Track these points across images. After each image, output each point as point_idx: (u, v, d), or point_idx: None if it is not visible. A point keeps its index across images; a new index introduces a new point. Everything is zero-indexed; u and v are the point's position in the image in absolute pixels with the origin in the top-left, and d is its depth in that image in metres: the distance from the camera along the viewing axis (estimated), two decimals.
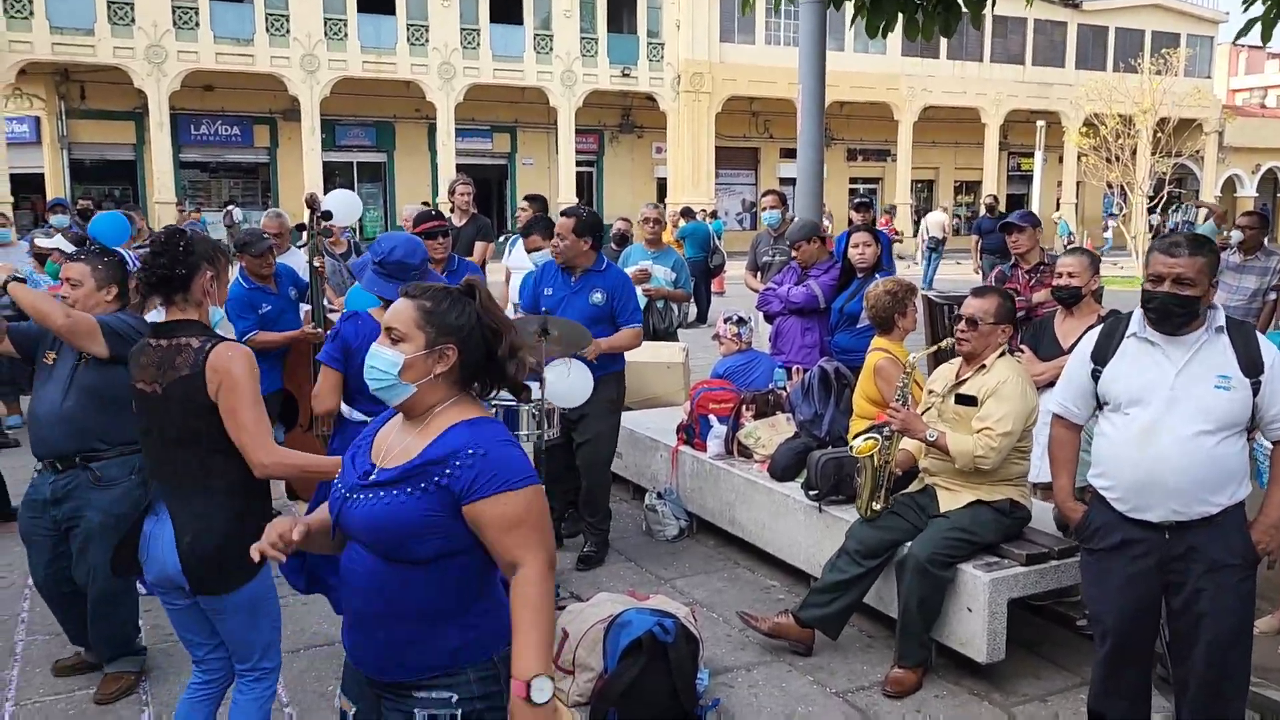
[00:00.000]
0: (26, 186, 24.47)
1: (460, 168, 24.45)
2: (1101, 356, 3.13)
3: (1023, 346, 4.69)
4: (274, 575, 2.90)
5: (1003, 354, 4.04)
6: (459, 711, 2.06)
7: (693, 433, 5.71)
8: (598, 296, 5.00)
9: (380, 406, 2.23)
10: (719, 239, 15.05)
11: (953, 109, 33.18)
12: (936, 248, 19.86)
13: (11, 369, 8.23)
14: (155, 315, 4.50)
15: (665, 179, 30.33)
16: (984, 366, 4.00)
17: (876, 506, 4.12)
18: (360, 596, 2.10)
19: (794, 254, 6.15)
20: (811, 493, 4.69)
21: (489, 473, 2.00)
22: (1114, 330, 3.16)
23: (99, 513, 3.67)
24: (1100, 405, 3.16)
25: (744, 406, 5.54)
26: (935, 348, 4.21)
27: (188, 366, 2.76)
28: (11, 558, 5.46)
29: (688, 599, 4.68)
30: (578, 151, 29.07)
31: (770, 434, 5.32)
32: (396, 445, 2.11)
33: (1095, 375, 3.13)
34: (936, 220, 20.61)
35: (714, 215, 21.60)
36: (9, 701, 3.88)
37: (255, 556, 2.16)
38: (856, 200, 9.68)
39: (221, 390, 2.75)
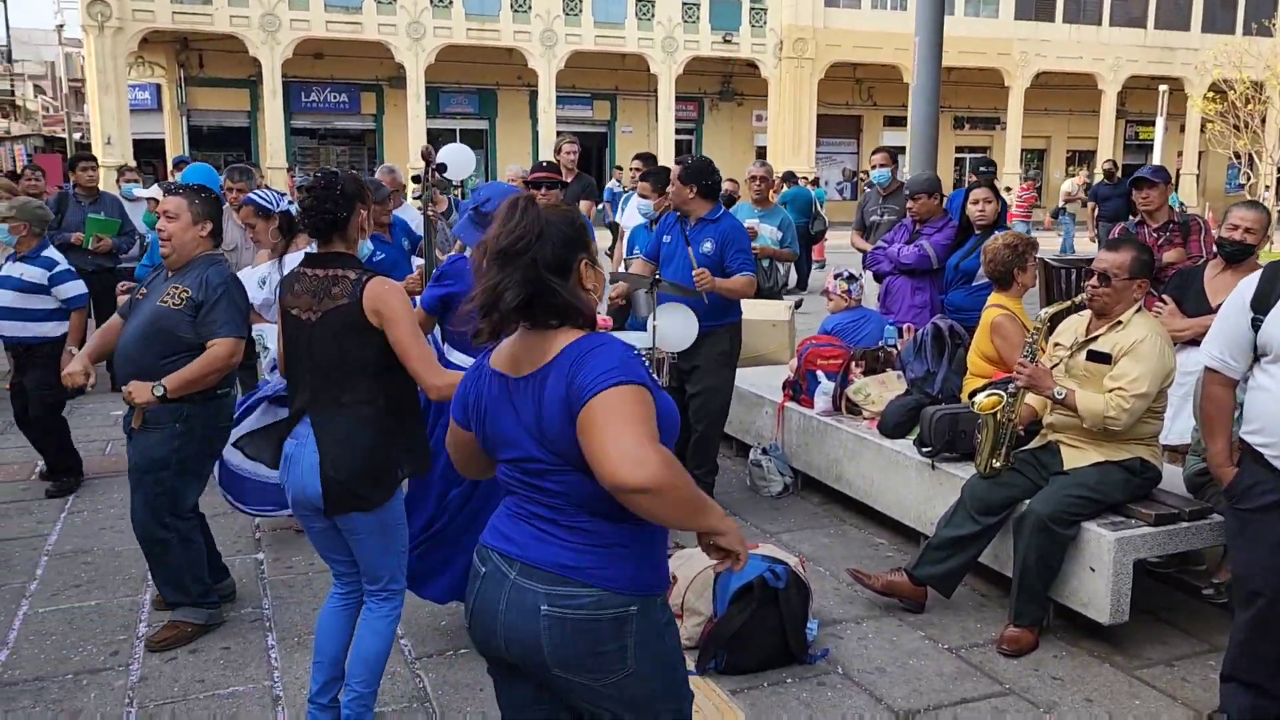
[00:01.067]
0: (148, 151, 25.48)
1: (560, 135, 24.58)
2: (1263, 304, 2.96)
3: (1164, 298, 4.48)
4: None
5: (1139, 309, 3.86)
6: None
7: (799, 389, 5.64)
8: (708, 245, 4.94)
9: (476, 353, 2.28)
10: (821, 205, 14.79)
11: (1067, 75, 31.90)
12: (1071, 215, 19.40)
13: None
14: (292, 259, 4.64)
15: (765, 147, 29.94)
16: (1119, 322, 3.82)
17: (996, 464, 3.99)
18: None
19: (910, 205, 5.98)
20: (924, 449, 4.59)
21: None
22: (1275, 276, 2.98)
23: (138, 454, 3.74)
24: (1258, 357, 2.99)
25: (853, 363, 5.44)
26: (1069, 303, 4.04)
27: (345, 296, 2.86)
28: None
29: (794, 554, 4.64)
30: (677, 119, 28.89)
31: (880, 391, 5.22)
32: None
33: (1256, 324, 2.96)
34: (1071, 186, 20.09)
35: (815, 183, 21.23)
36: (141, 622, 4.07)
37: None
38: (980, 169, 9.40)
39: (383, 324, 2.84)
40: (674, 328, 4.65)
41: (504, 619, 2.01)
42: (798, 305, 7.51)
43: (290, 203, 4.36)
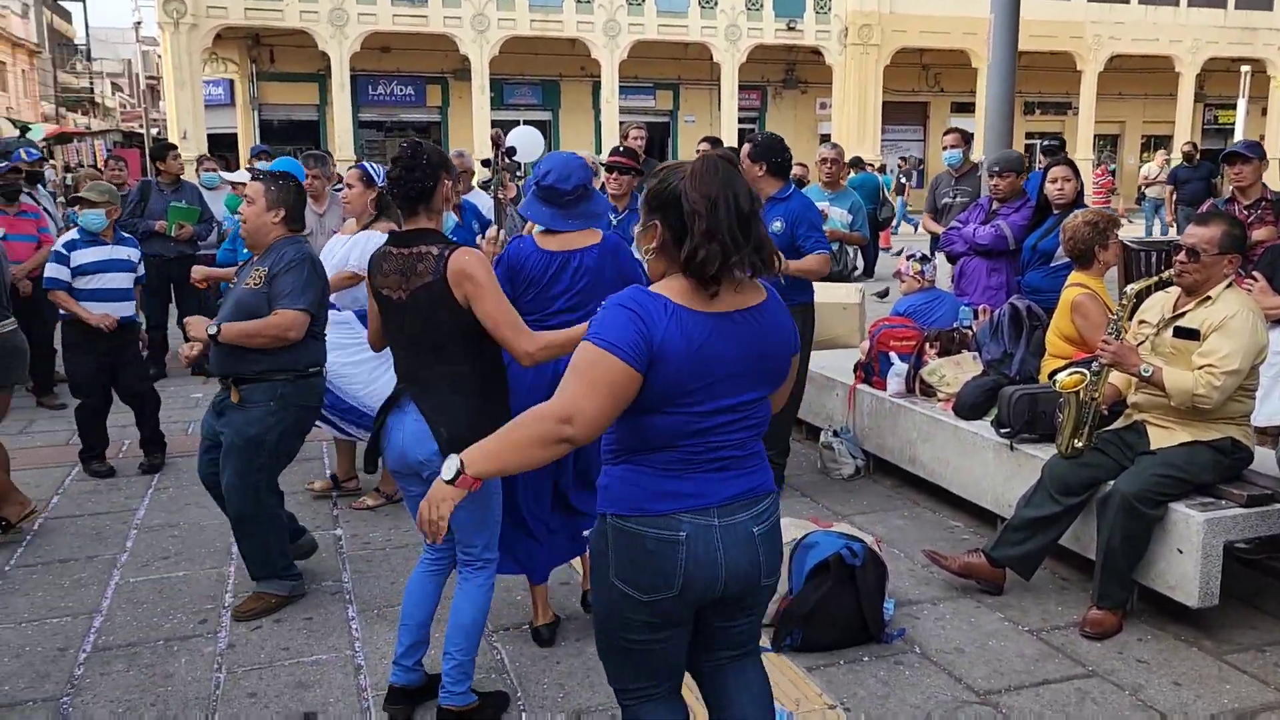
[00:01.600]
0: (221, 145, 26.02)
1: (624, 123, 24.58)
2: None
3: (1255, 275, 4.35)
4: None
5: (1230, 285, 3.75)
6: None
7: (871, 371, 5.59)
8: (777, 225, 4.90)
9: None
10: (888, 191, 14.62)
11: (1143, 58, 30.99)
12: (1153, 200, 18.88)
13: (217, 304, 8.85)
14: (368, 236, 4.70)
15: (829, 135, 29.62)
16: (1208, 298, 3.72)
17: (1079, 444, 3.91)
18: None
19: (994, 183, 5.84)
20: (1003, 430, 4.51)
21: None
22: None
23: (233, 432, 3.84)
24: None
25: (927, 344, 5.37)
26: (1155, 279, 3.93)
27: (430, 273, 2.90)
28: None
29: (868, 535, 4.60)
30: (740, 108, 28.67)
31: (955, 372, 5.14)
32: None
33: None
34: (1151, 169, 19.58)
35: (882, 170, 20.99)
36: (228, 593, 4.18)
37: None
38: (1044, 144, 9.15)
39: (469, 294, 2.88)
40: None
41: (725, 561, 2.14)
42: (883, 295, 7.40)
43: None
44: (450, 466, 2.12)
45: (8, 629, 3.87)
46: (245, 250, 6.50)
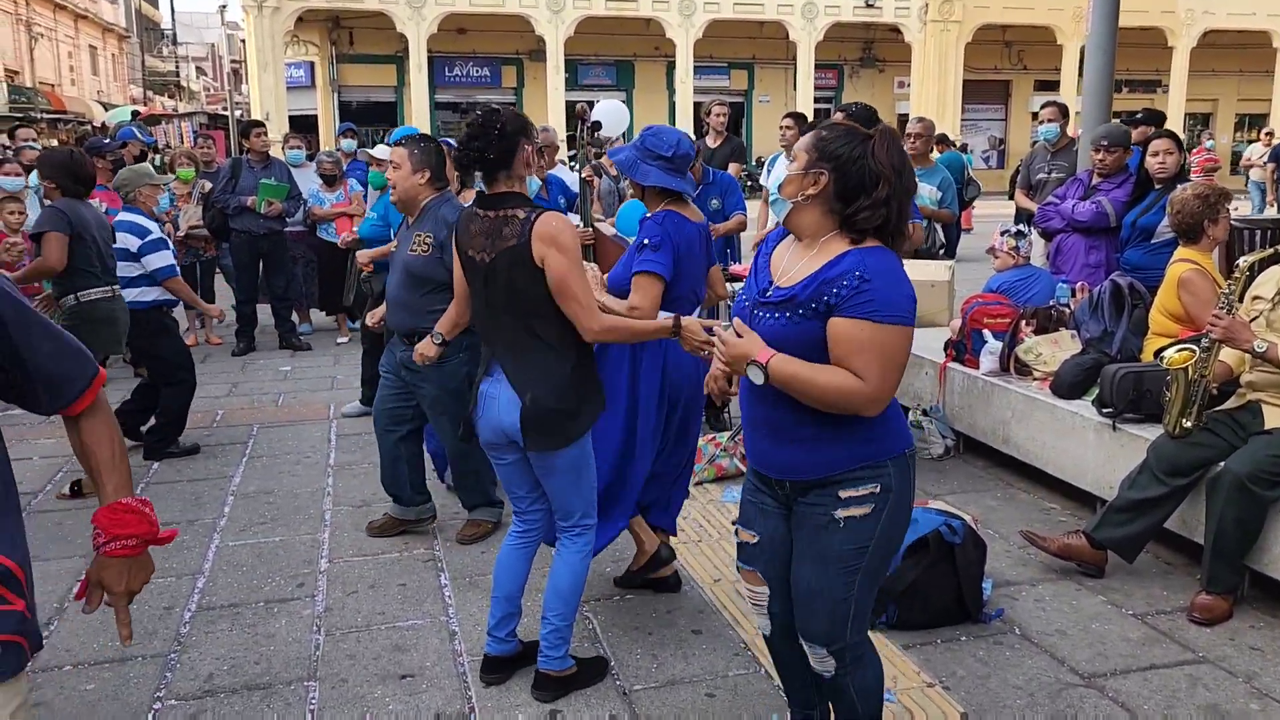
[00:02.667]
0: (302, 126, 26.51)
1: (698, 106, 24.41)
2: None
3: None
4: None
5: None
6: (874, 505, 2.26)
7: (963, 349, 5.46)
8: None
9: None
10: (971, 170, 14.28)
11: (1238, 33, 29.80)
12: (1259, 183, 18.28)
13: (305, 282, 9.02)
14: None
15: (907, 114, 29.06)
16: None
17: (1187, 423, 3.77)
18: (767, 405, 2.29)
19: (1100, 158, 5.64)
20: (1105, 409, 4.37)
21: (865, 296, 2.12)
22: None
23: (433, 386, 4.15)
24: None
25: (1023, 321, 5.23)
26: (1270, 250, 3.77)
27: (515, 237, 2.86)
28: (313, 441, 6.00)
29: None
30: (816, 88, 28.30)
31: (1053, 350, 5.00)
32: (793, 265, 2.28)
33: None
34: (1255, 151, 18.92)
35: (964, 149, 20.51)
36: (323, 558, 4.27)
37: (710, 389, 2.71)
38: (1136, 117, 8.83)
39: (548, 259, 2.82)
40: None
41: None
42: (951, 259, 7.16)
43: None
44: (757, 370, 2.20)
45: None
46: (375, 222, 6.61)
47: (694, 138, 5.49)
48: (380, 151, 6.57)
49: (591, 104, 6.51)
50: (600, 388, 3.06)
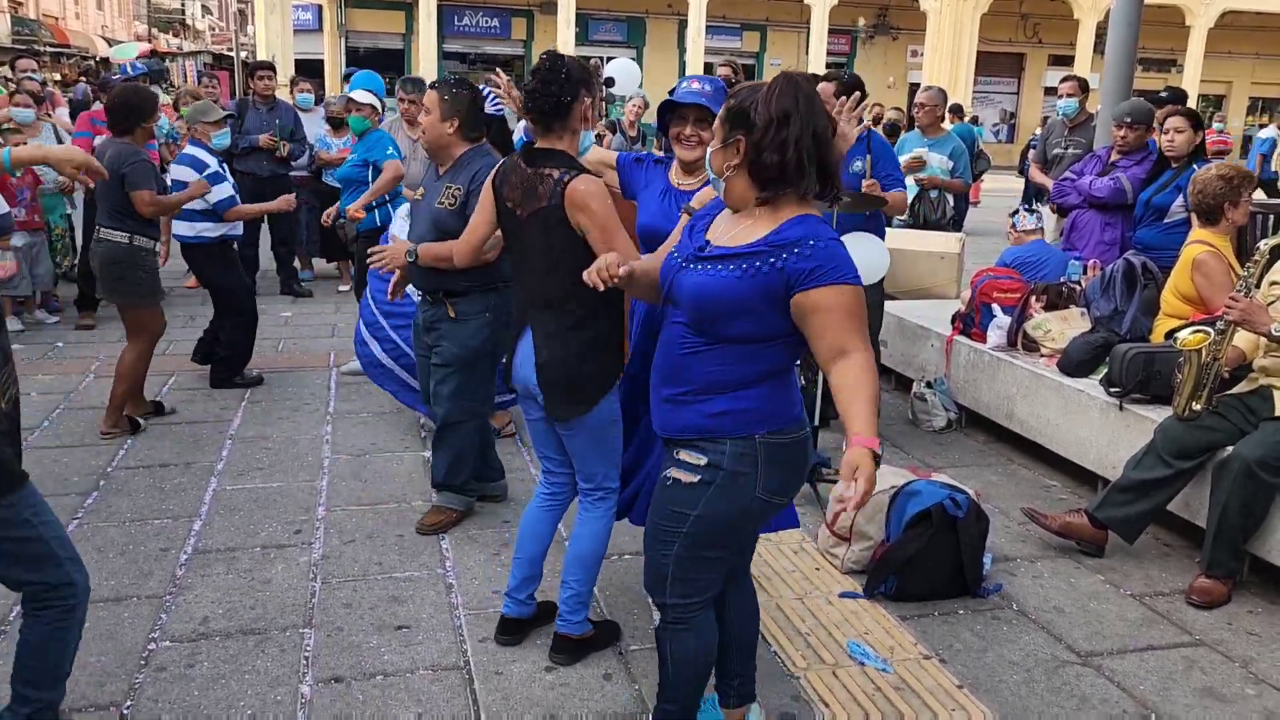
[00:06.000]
0: (308, 71, 26.12)
1: (709, 67, 24.17)
2: None
3: None
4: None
5: None
6: (700, 476, 2.23)
7: (971, 322, 5.42)
8: (857, 165, 4.77)
9: None
10: (982, 142, 14.15)
11: (1257, 14, 29.45)
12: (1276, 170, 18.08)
13: (308, 230, 8.93)
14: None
15: (919, 83, 28.76)
16: None
17: (1196, 406, 3.74)
18: (661, 356, 2.32)
19: (1122, 134, 5.55)
20: (1113, 389, 4.34)
21: (830, 264, 2.09)
22: None
23: (455, 345, 3.91)
24: None
25: (1033, 297, 5.18)
26: None
27: (548, 198, 2.80)
28: (313, 388, 5.96)
29: None
30: (828, 53, 27.97)
31: (1062, 327, 4.96)
32: (735, 228, 2.23)
33: None
34: (1271, 133, 18.74)
35: (975, 122, 20.34)
36: (320, 506, 4.24)
37: (586, 280, 2.31)
38: (1160, 95, 8.72)
39: (583, 223, 2.77)
40: (861, 255, 4.50)
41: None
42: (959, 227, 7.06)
43: (499, 109, 4.33)
44: (863, 454, 2.00)
45: (113, 527, 3.98)
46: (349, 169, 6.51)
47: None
48: (360, 96, 6.45)
49: (603, 60, 6.41)
50: (620, 354, 3.00)
